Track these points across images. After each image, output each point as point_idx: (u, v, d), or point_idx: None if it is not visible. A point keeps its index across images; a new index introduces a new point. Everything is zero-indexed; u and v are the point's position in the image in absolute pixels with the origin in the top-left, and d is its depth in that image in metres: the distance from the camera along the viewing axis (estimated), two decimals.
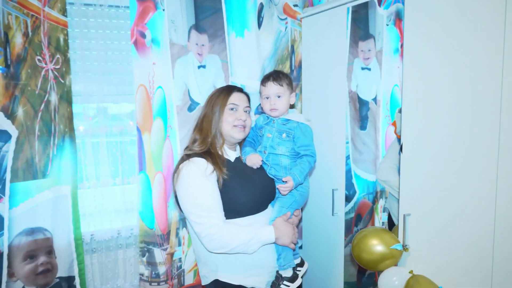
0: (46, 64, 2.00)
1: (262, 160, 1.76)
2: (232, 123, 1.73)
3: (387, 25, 2.79)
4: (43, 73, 1.99)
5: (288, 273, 1.73)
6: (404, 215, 1.71)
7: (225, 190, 1.64)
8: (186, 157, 1.68)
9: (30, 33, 1.96)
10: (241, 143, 1.88)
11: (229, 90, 1.78)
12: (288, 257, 1.72)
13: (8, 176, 1.94)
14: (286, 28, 2.53)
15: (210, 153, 1.68)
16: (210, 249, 1.62)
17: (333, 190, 2.19)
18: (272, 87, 1.76)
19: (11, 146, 1.94)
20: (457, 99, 1.55)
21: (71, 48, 2.07)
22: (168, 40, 2.20)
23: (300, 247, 2.65)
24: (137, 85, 2.15)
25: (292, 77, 2.55)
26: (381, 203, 2.83)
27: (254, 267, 1.68)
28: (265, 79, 1.80)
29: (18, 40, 1.93)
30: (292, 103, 1.83)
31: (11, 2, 1.90)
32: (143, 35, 2.14)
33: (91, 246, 2.15)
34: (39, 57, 1.98)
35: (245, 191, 1.66)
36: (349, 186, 2.80)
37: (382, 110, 2.80)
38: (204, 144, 1.70)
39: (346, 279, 2.37)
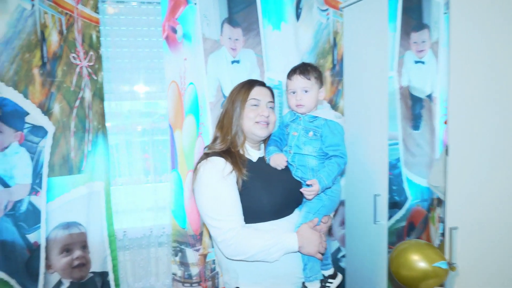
0: (80, 61, 2.03)
1: (287, 161, 1.63)
2: (254, 119, 1.61)
3: (445, 13, 2.53)
4: (77, 70, 2.02)
5: (315, 285, 1.59)
6: (450, 228, 1.49)
7: (245, 192, 1.53)
8: (205, 156, 1.60)
9: (64, 31, 1.99)
10: (266, 142, 1.77)
11: (250, 84, 1.66)
12: (315, 268, 1.58)
13: (45, 170, 1.99)
14: (327, 19, 2.37)
15: (230, 152, 1.58)
16: (227, 256, 1.52)
17: (374, 195, 1.98)
18: (299, 81, 1.61)
19: (47, 141, 2.00)
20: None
21: (103, 46, 2.08)
22: (200, 35, 2.14)
23: (343, 256, 2.47)
24: (168, 82, 2.11)
25: (335, 72, 2.39)
26: (438, 211, 2.58)
27: (276, 277, 1.55)
28: (291, 72, 1.65)
29: (54, 38, 1.98)
30: (321, 98, 1.66)
31: (47, 1, 1.95)
32: (174, 30, 2.10)
33: (124, 243, 2.16)
34: (73, 55, 2.01)
35: (267, 194, 1.54)
36: (401, 191, 2.58)
37: (440, 108, 2.55)
38: (224, 143, 1.61)
39: None
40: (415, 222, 2.50)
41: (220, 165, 1.53)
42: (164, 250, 2.20)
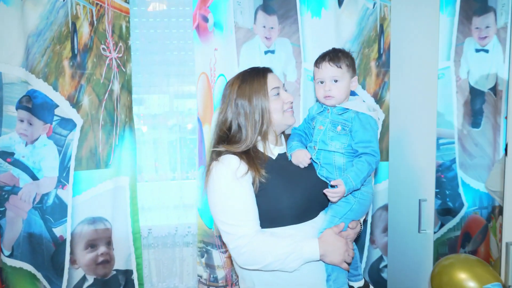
0: (110, 53, 1.99)
1: (311, 158, 1.44)
2: (281, 109, 1.44)
3: None
4: (107, 62, 1.98)
5: None
6: (507, 243, 1.23)
7: (262, 194, 1.35)
8: (216, 155, 1.45)
9: (95, 22, 1.96)
10: (286, 136, 1.59)
11: (262, 74, 1.46)
12: (340, 279, 1.38)
13: (72, 164, 1.97)
14: (374, 4, 2.14)
15: (246, 150, 1.43)
16: (240, 265, 1.36)
17: (419, 200, 1.73)
18: (328, 69, 1.42)
19: (75, 134, 1.97)
20: None
21: (132, 38, 2.02)
22: (232, 24, 2.01)
23: (385, 267, 2.22)
24: (198, 73, 2.01)
25: (381, 63, 2.16)
26: (500, 221, 2.25)
27: None
28: (320, 59, 1.46)
29: (85, 30, 1.95)
30: (353, 89, 1.46)
31: None
32: (205, 19, 2.00)
33: (149, 241, 2.10)
34: (103, 46, 1.97)
35: (287, 195, 1.35)
36: (455, 197, 2.28)
37: (505, 103, 2.22)
38: (248, 143, 1.42)
39: None
40: (472, 233, 2.20)
41: (234, 164, 1.36)
42: (189, 251, 2.11)
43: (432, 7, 1.72)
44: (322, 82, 1.46)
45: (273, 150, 1.48)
